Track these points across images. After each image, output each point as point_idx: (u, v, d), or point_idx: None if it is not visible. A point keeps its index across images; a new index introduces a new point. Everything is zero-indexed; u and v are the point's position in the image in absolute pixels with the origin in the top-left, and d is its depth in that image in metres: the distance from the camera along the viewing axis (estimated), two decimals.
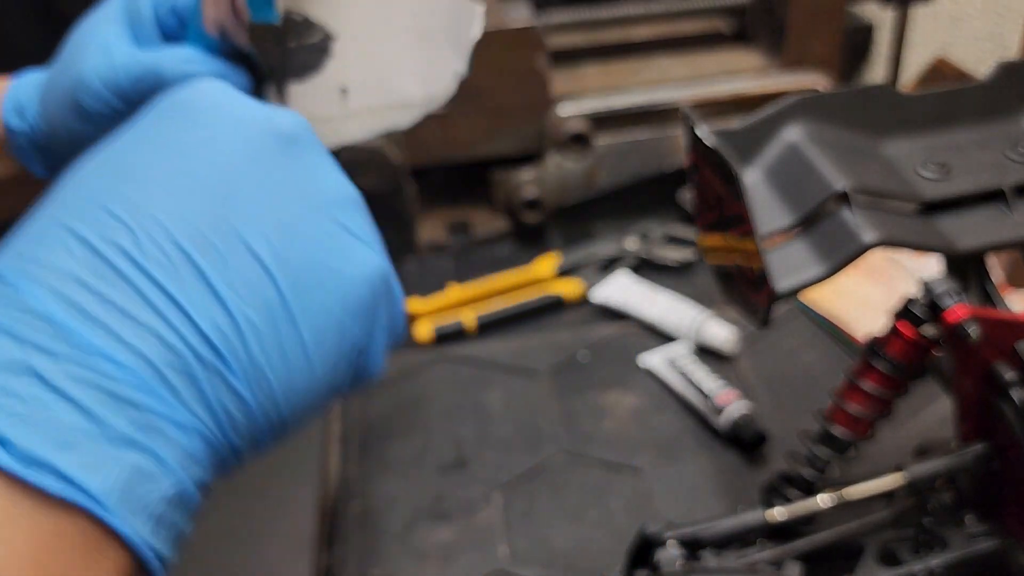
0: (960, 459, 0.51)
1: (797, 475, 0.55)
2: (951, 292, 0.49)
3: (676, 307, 0.82)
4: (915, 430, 0.68)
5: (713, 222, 0.53)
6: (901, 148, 0.54)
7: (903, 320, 0.51)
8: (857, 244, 0.47)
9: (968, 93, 0.55)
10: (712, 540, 0.51)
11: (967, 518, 0.52)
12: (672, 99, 0.95)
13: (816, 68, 0.96)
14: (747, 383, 0.75)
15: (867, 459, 0.60)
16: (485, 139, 0.96)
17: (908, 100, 0.55)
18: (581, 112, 0.94)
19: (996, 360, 0.48)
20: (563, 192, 0.98)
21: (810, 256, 0.49)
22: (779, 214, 0.51)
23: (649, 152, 0.97)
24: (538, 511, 0.65)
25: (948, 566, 0.51)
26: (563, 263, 0.92)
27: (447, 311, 0.87)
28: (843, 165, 0.50)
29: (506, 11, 0.95)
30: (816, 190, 0.50)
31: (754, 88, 0.96)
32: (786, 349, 0.79)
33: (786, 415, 0.71)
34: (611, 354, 0.80)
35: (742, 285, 0.51)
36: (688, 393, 0.73)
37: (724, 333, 0.78)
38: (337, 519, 0.66)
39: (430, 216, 1.02)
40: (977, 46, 1.44)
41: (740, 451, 0.69)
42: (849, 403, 0.53)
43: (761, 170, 0.53)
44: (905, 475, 0.51)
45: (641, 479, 0.67)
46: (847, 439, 0.54)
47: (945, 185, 0.52)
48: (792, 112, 0.53)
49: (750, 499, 0.63)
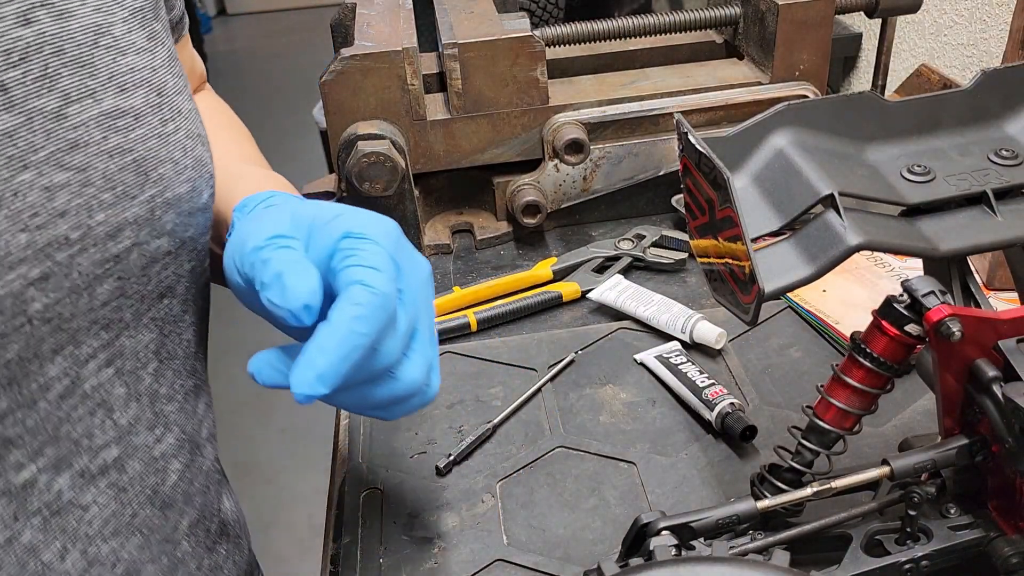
0: (943, 452, 0.51)
1: (786, 467, 0.56)
2: (934, 292, 0.49)
3: (669, 306, 0.82)
4: (900, 425, 0.69)
5: (704, 225, 0.53)
6: (886, 153, 0.55)
7: (887, 319, 0.51)
8: (843, 247, 0.48)
9: (951, 100, 0.55)
10: (704, 529, 0.52)
11: (951, 510, 0.53)
12: (665, 108, 0.97)
13: (805, 77, 0.97)
14: (737, 378, 0.76)
15: (854, 452, 0.60)
16: (487, 146, 0.97)
17: (892, 107, 0.55)
18: (578, 120, 0.96)
19: (978, 357, 0.49)
20: (561, 197, 1.00)
21: (797, 258, 0.49)
22: (767, 218, 0.51)
23: (643, 158, 0.98)
24: (536, 501, 0.65)
25: (933, 556, 0.52)
26: (561, 264, 0.93)
27: (450, 310, 0.88)
28: (829, 170, 0.51)
29: (508, 23, 0.96)
30: (803, 194, 0.50)
31: (744, 97, 0.97)
32: (775, 346, 0.79)
33: (775, 409, 0.72)
34: (607, 351, 0.81)
35: (732, 285, 0.52)
36: (680, 388, 0.73)
37: (715, 331, 0.79)
38: (345, 508, 0.66)
39: (434, 220, 1.04)
40: (961, 53, 1.45)
41: (730, 444, 0.69)
42: (836, 397, 0.54)
43: (750, 175, 0.53)
44: (890, 468, 0.52)
45: (635, 471, 0.67)
46: (834, 432, 0.54)
47: (929, 189, 0.52)
48: (780, 119, 0.53)
49: (740, 490, 0.64)
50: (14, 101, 0.40)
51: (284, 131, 4.16)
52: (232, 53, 5.48)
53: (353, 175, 0.91)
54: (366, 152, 0.90)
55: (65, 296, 0.44)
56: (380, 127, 0.92)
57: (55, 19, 0.42)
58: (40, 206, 0.41)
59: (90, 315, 0.46)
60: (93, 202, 0.44)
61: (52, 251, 0.42)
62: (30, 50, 0.41)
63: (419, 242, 0.98)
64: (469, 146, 0.97)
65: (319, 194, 1.07)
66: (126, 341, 0.49)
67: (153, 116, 0.48)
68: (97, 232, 0.44)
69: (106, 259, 0.45)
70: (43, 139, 0.41)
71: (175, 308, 0.53)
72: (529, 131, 0.97)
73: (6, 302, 0.41)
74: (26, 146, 0.41)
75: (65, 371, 0.45)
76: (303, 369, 0.44)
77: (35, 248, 0.41)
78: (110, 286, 0.46)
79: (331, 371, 0.44)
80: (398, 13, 1.01)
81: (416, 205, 0.96)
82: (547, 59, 0.94)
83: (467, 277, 0.95)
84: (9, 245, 0.40)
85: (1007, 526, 0.52)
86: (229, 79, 4.94)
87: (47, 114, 0.42)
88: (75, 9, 0.44)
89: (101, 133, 0.44)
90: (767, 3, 0.96)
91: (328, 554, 0.64)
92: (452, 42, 0.92)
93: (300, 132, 3.97)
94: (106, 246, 0.45)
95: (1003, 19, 1.34)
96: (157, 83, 0.48)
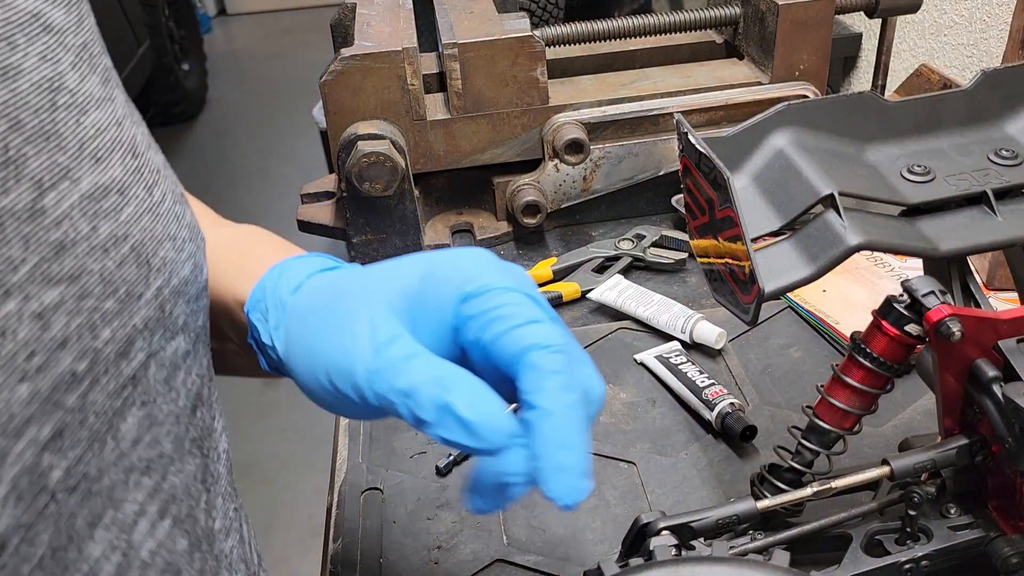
0: (943, 452, 0.52)
1: (786, 467, 0.56)
2: (934, 292, 0.49)
3: (669, 306, 0.83)
4: (900, 425, 0.69)
5: (704, 225, 0.53)
6: (886, 153, 0.55)
7: (887, 319, 0.51)
8: (842, 247, 0.48)
9: (951, 100, 0.55)
10: (704, 530, 0.52)
11: (951, 510, 0.53)
12: (665, 108, 0.97)
13: (805, 77, 0.97)
14: (737, 378, 0.76)
15: (854, 452, 0.60)
16: (487, 146, 0.97)
17: (892, 107, 0.55)
18: (578, 120, 0.96)
19: (978, 357, 0.49)
20: (561, 197, 1.00)
21: (797, 258, 0.49)
22: (767, 218, 0.51)
23: (643, 158, 0.98)
24: (537, 501, 0.65)
25: (933, 556, 0.52)
26: (561, 264, 0.93)
27: None
28: (829, 170, 0.50)
29: (508, 23, 0.96)
30: (803, 194, 0.50)
31: (744, 97, 0.97)
32: (775, 346, 0.80)
33: (775, 409, 0.72)
34: (607, 351, 0.81)
35: (732, 285, 0.52)
36: (680, 388, 0.73)
37: (715, 331, 0.79)
38: (345, 508, 0.66)
39: (434, 220, 1.04)
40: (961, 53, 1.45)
41: (730, 444, 0.69)
42: (836, 397, 0.54)
43: (750, 175, 0.53)
44: (890, 468, 0.52)
45: (635, 471, 0.67)
46: (834, 432, 0.54)
47: (929, 189, 0.52)
48: (779, 119, 0.53)
49: (740, 490, 0.64)
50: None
51: (284, 131, 4.17)
52: (232, 53, 5.48)
53: (353, 175, 0.91)
54: (366, 152, 0.90)
55: (85, 450, 0.33)
56: (380, 127, 0.92)
57: (1, 80, 0.31)
58: (35, 341, 0.31)
59: (122, 464, 0.35)
60: (95, 316, 0.33)
61: (59, 397, 0.32)
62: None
63: (419, 242, 0.98)
64: (469, 146, 0.97)
65: (319, 194, 1.07)
66: (174, 479, 0.39)
67: (137, 185, 0.37)
68: (106, 355, 0.34)
69: (122, 385, 0.35)
70: (21, 250, 0.30)
71: (207, 418, 0.43)
72: (529, 131, 0.97)
73: (22, 482, 0.30)
74: (3, 265, 0.30)
75: (112, 545, 0.35)
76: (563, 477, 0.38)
77: (40, 399, 0.31)
78: (135, 418, 0.36)
79: (584, 459, 0.39)
80: (398, 13, 1.01)
81: (416, 205, 0.96)
82: (547, 59, 0.94)
83: None
84: (10, 404, 0.30)
85: (1007, 526, 0.52)
86: (229, 79, 4.94)
87: (19, 213, 0.30)
88: (19, 63, 0.31)
89: (88, 223, 0.33)
90: (767, 3, 0.96)
91: (328, 554, 0.64)
92: (452, 42, 0.92)
93: (300, 132, 3.98)
94: (119, 369, 0.35)
95: (1003, 19, 1.34)
96: (127, 140, 0.37)
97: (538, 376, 0.39)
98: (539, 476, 0.38)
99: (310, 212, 1.04)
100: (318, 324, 0.44)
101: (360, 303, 0.43)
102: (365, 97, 0.92)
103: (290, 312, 0.46)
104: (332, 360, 0.42)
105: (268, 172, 3.84)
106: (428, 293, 0.42)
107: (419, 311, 0.42)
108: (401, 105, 0.93)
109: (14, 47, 0.31)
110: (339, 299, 0.44)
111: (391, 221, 0.97)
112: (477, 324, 0.41)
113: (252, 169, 3.88)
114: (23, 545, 0.30)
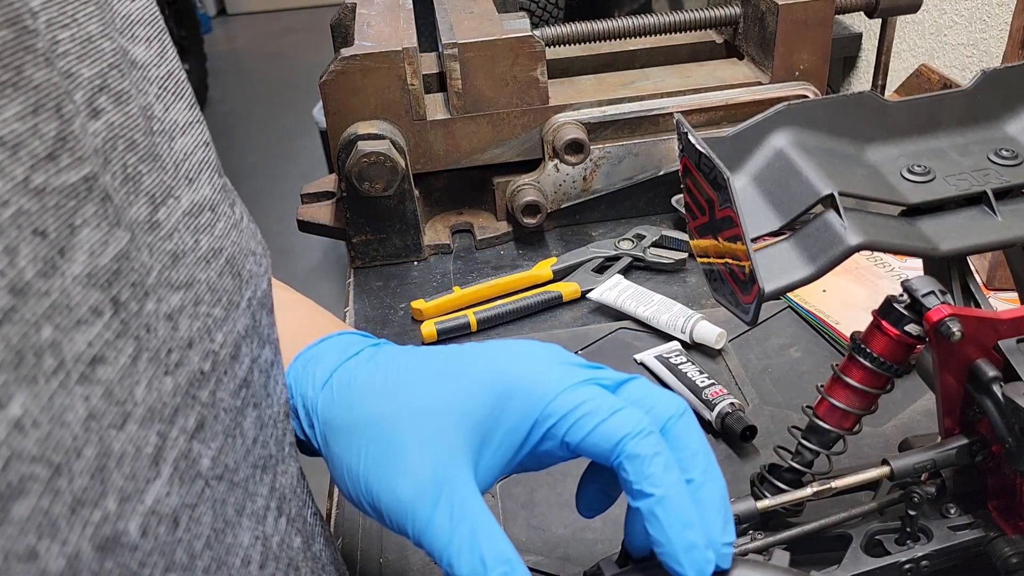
0: (943, 452, 0.51)
1: (786, 467, 0.56)
2: (934, 292, 0.49)
3: (669, 306, 0.83)
4: (900, 425, 0.69)
5: (704, 225, 0.53)
6: (885, 153, 0.54)
7: (887, 319, 0.51)
8: (843, 247, 0.48)
9: (951, 100, 0.55)
10: None
11: (951, 510, 0.53)
12: (665, 108, 0.97)
13: (805, 77, 0.97)
14: (737, 378, 0.76)
15: (854, 452, 0.61)
16: (487, 146, 0.97)
17: (892, 106, 0.55)
18: (578, 120, 0.96)
19: (978, 357, 0.49)
20: (561, 197, 1.00)
21: (797, 258, 0.49)
22: (767, 218, 0.51)
23: (643, 158, 0.98)
24: (536, 501, 0.65)
25: (933, 556, 0.52)
26: (561, 264, 0.93)
27: (450, 311, 0.88)
28: (829, 170, 0.50)
29: (508, 23, 0.96)
30: (803, 194, 0.50)
31: (744, 97, 0.97)
32: (775, 346, 0.80)
33: (775, 409, 0.72)
34: (607, 351, 0.81)
35: (732, 285, 0.51)
36: (680, 388, 0.73)
37: (715, 331, 0.79)
38: (345, 508, 0.66)
39: (434, 220, 1.04)
40: (961, 53, 1.45)
41: (730, 444, 0.69)
42: (836, 397, 0.53)
43: (750, 175, 0.53)
44: (890, 468, 0.51)
45: None
46: (834, 432, 0.54)
47: (929, 189, 0.52)
48: (779, 119, 0.53)
49: (740, 490, 0.65)
50: (118, 211, 0.32)
51: (284, 131, 4.17)
52: (232, 53, 5.48)
53: (353, 175, 0.91)
54: (366, 152, 0.90)
55: (223, 443, 0.36)
56: (380, 127, 0.92)
57: (116, 105, 0.34)
58: (170, 339, 0.34)
59: (249, 459, 0.38)
60: (209, 321, 0.36)
61: (195, 392, 0.35)
62: (107, 148, 0.33)
63: (419, 242, 0.98)
64: (469, 146, 0.97)
65: (319, 194, 1.07)
66: (283, 479, 0.42)
67: (223, 203, 0.40)
68: (223, 357, 0.37)
69: (239, 387, 0.38)
70: (148, 256, 0.34)
71: (293, 424, 0.45)
72: (529, 131, 0.97)
73: (181, 465, 0.33)
74: (141, 268, 0.33)
75: (255, 535, 0.38)
76: (694, 555, 0.40)
77: (181, 392, 0.34)
78: (251, 418, 0.39)
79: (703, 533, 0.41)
80: (398, 13, 1.01)
81: (416, 205, 0.96)
82: (547, 59, 0.94)
83: (467, 277, 0.95)
84: (162, 394, 0.33)
85: (1007, 526, 0.52)
86: (229, 79, 4.94)
87: (142, 224, 0.34)
88: (128, 90, 0.35)
89: (192, 237, 0.37)
90: (767, 3, 0.96)
91: None
92: (452, 42, 0.92)
93: (300, 132, 3.98)
94: (234, 371, 0.38)
95: (1003, 19, 1.34)
96: (213, 160, 0.41)
97: (640, 464, 0.41)
98: (670, 559, 0.40)
99: (310, 212, 1.04)
100: (362, 449, 0.45)
101: (412, 437, 0.44)
102: (365, 97, 0.92)
103: (323, 417, 0.48)
104: (382, 499, 0.43)
105: (268, 172, 3.84)
106: (505, 414, 0.44)
107: (491, 433, 0.44)
108: (401, 105, 0.93)
109: (123, 75, 0.34)
110: (385, 422, 0.45)
111: (391, 221, 0.97)
112: (561, 430, 0.43)
113: (252, 169, 3.88)
114: (192, 523, 0.33)
